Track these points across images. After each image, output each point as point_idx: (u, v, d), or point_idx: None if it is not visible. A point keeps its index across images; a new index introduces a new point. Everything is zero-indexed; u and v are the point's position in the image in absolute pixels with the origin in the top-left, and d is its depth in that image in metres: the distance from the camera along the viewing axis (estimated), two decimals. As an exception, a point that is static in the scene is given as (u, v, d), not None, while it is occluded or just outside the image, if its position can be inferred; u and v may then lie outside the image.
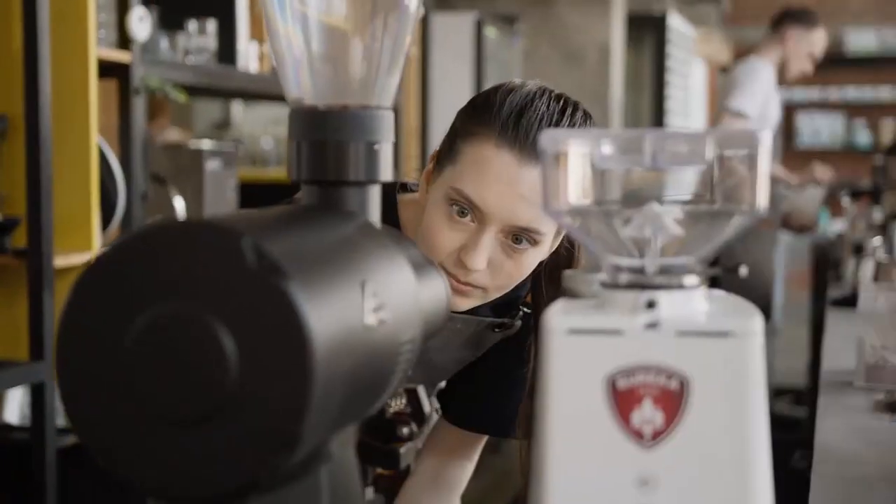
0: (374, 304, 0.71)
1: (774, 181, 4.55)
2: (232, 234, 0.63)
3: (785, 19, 4.51)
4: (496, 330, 1.45)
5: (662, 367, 0.69)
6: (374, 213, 0.84)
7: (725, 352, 0.69)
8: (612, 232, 0.73)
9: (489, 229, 1.26)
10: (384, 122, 0.84)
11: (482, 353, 1.48)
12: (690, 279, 0.72)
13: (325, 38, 0.83)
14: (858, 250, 3.26)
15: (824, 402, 1.82)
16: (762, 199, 0.70)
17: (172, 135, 4.23)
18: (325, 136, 0.82)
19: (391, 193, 1.43)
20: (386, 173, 0.84)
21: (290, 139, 0.84)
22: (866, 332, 1.99)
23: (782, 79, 4.52)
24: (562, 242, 1.38)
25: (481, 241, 1.26)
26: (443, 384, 1.55)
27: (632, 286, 0.72)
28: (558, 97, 1.32)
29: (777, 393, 5.62)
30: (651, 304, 0.71)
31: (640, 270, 0.73)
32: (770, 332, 5.74)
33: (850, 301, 2.78)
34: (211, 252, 0.63)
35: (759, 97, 4.35)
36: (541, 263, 1.34)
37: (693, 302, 0.72)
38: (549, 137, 0.72)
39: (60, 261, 2.43)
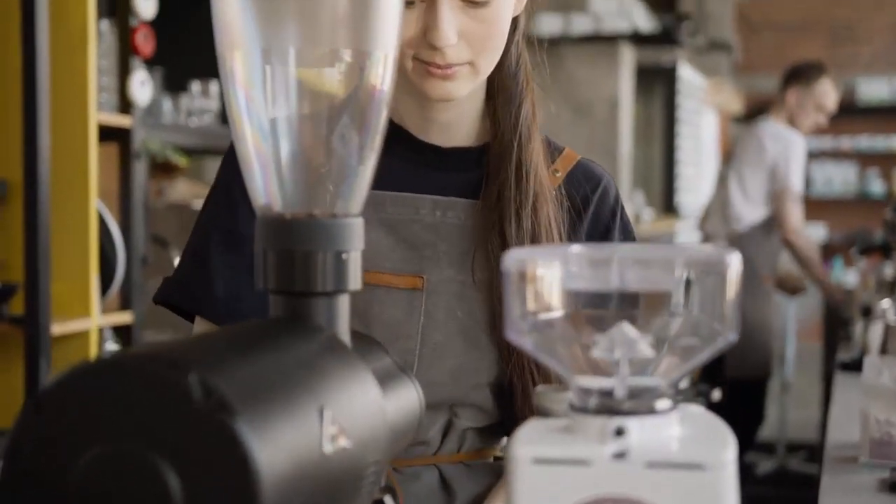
0: (334, 430, 0.69)
1: (806, 262, 4.55)
2: (178, 369, 0.61)
3: (786, 78, 4.52)
4: None
5: (632, 499, 0.66)
6: (343, 324, 0.82)
7: (697, 485, 0.66)
8: (580, 353, 0.71)
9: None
10: (353, 231, 0.82)
11: None
12: (662, 403, 0.70)
13: (293, 144, 0.82)
14: (867, 312, 3.22)
15: (828, 482, 1.78)
16: (731, 323, 0.68)
17: (181, 187, 4.23)
18: (293, 246, 0.80)
19: None
20: (355, 282, 0.82)
21: (257, 247, 0.83)
22: (871, 405, 1.95)
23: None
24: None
25: (438, 13, 1.14)
26: None
27: (600, 411, 0.69)
28: None
29: (790, 449, 5.56)
30: (620, 432, 0.68)
31: (608, 393, 0.70)
32: (782, 387, 5.69)
33: (858, 365, 2.75)
34: (156, 388, 0.60)
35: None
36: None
37: (664, 428, 0.69)
38: (512, 257, 0.70)
39: (58, 328, 2.42)
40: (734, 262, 0.68)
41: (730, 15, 9.90)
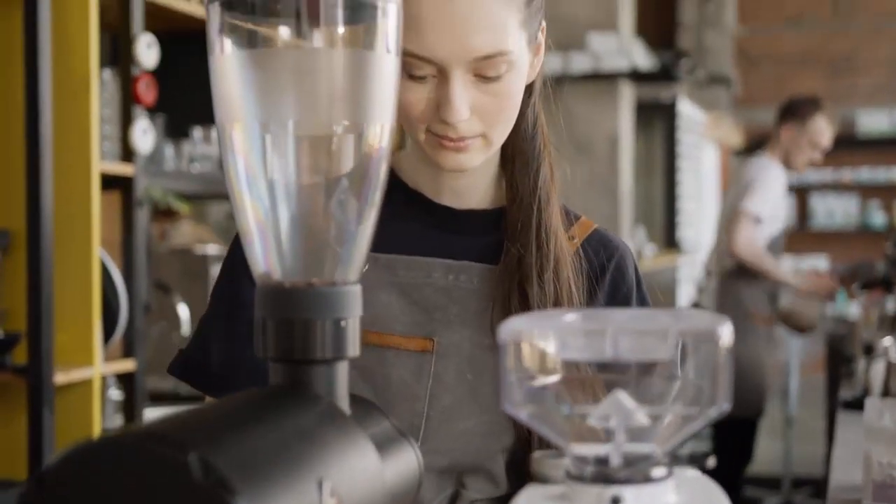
0: (333, 502, 0.70)
1: (777, 283, 4.52)
2: (178, 448, 0.61)
3: (780, 114, 4.55)
4: None
5: (628, 567, 0.67)
6: (342, 390, 0.83)
7: (692, 553, 0.67)
8: (575, 421, 0.72)
9: (452, 75, 1.13)
10: (351, 298, 0.83)
11: None
12: (657, 471, 0.71)
13: (291, 214, 0.83)
14: (869, 350, 3.22)
15: (830, 528, 1.78)
16: (724, 393, 0.69)
17: (185, 230, 4.25)
18: (292, 314, 0.81)
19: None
20: (354, 349, 0.83)
21: (257, 315, 0.84)
22: (874, 447, 1.95)
23: (790, 167, 4.54)
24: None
25: (450, 89, 1.13)
26: None
27: (597, 479, 0.70)
28: None
29: (795, 484, 5.54)
30: (616, 501, 0.69)
31: (604, 461, 0.71)
32: (786, 422, 5.68)
33: (861, 403, 2.74)
34: (157, 467, 0.61)
35: (772, 198, 4.36)
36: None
37: (660, 496, 0.70)
38: (507, 328, 0.71)
39: (61, 377, 2.42)
40: (725, 332, 0.69)
41: (729, 49, 9.96)
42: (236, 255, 1.25)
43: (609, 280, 1.28)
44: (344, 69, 0.81)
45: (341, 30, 0.80)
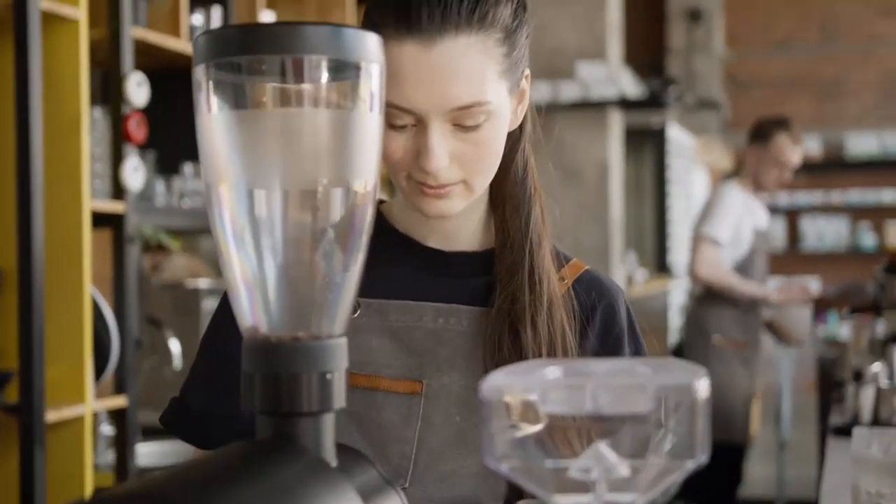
0: (320, 556, 0.71)
1: (752, 302, 4.51)
2: (167, 508, 0.63)
3: (748, 137, 4.58)
4: None
5: None
6: (328, 441, 0.84)
7: None
8: (557, 473, 0.73)
9: (431, 124, 1.14)
10: (337, 352, 0.85)
11: None
12: (638, 522, 0.72)
13: (277, 270, 0.85)
14: (858, 376, 3.23)
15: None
16: (701, 444, 0.70)
17: (177, 262, 4.25)
18: (278, 368, 0.83)
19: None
20: (340, 400, 0.85)
21: (244, 368, 0.85)
22: (861, 477, 1.96)
23: (761, 189, 4.52)
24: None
25: (429, 139, 1.14)
26: None
27: (579, 531, 0.72)
28: None
29: (789, 508, 5.55)
30: (598, 551, 0.70)
31: (587, 513, 0.72)
32: (779, 445, 5.69)
33: (850, 430, 2.75)
34: (146, 528, 0.63)
35: (732, 221, 4.35)
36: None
37: (641, 547, 0.71)
38: (490, 383, 0.72)
39: (53, 415, 2.43)
40: (702, 386, 0.70)
41: (718, 73, 10.02)
42: (226, 308, 1.27)
43: (600, 321, 1.29)
44: (329, 129, 0.83)
45: (325, 90, 0.82)
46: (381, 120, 0.85)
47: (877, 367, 3.20)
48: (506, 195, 1.28)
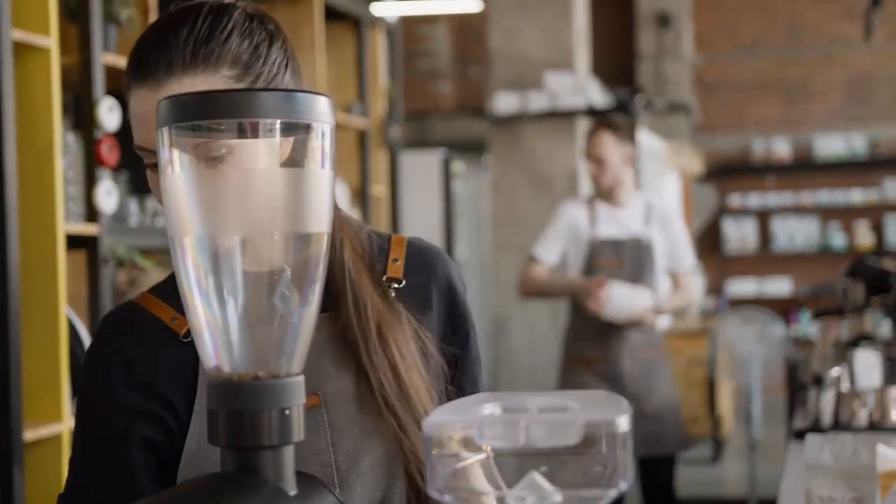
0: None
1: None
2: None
3: None
4: None
5: None
6: (288, 472, 0.91)
7: None
8: (496, 501, 0.80)
9: None
10: (295, 389, 0.91)
11: None
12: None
13: (238, 314, 0.91)
14: (818, 381, 3.31)
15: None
16: (624, 473, 0.77)
17: (153, 277, 4.29)
18: (241, 406, 0.89)
19: None
20: (299, 434, 0.91)
21: (209, 405, 0.92)
22: (814, 482, 2.03)
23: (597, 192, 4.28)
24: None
25: (244, 152, 1.13)
26: None
27: (516, 554, 0.78)
28: (182, 8, 1.23)
29: (762, 506, 5.64)
30: (532, 574, 0.77)
31: (523, 538, 0.79)
32: (749, 445, 5.78)
33: (811, 433, 2.82)
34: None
35: (552, 234, 4.21)
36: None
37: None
38: (431, 422, 0.79)
39: (30, 434, 2.48)
40: (623, 421, 0.77)
41: (687, 77, 10.13)
42: (98, 360, 1.28)
43: (439, 293, 1.36)
44: (283, 185, 0.90)
45: (279, 149, 0.88)
46: (332, 175, 0.92)
47: (836, 370, 3.27)
48: None
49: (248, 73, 1.22)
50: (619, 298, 4.05)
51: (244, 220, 0.89)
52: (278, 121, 0.88)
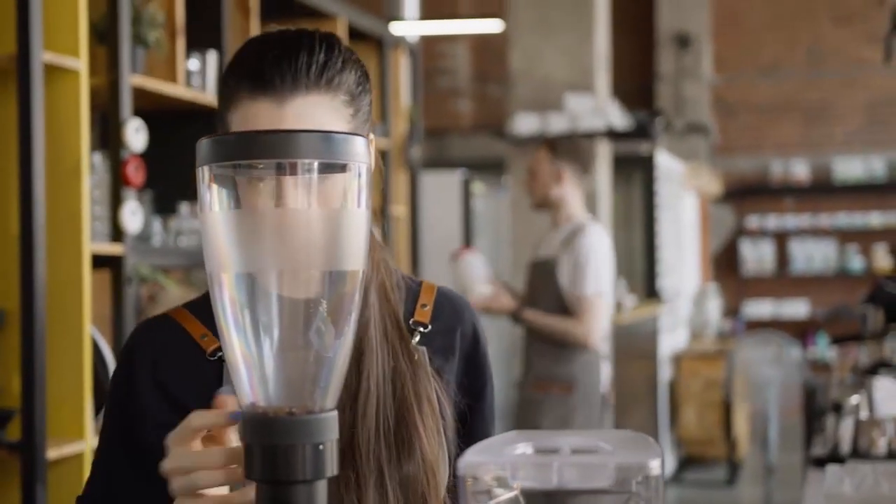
0: None
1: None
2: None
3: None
4: None
5: None
6: (321, 506, 0.92)
7: None
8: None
9: None
10: (328, 424, 0.93)
11: None
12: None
13: (274, 351, 0.93)
14: (837, 408, 3.30)
15: None
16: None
17: (173, 292, 4.32)
18: (275, 441, 0.91)
19: None
20: (332, 468, 0.93)
21: (243, 440, 0.93)
22: (835, 513, 2.03)
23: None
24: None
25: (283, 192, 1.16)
26: None
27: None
28: (297, 31, 1.26)
29: (777, 533, 5.62)
30: None
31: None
32: (766, 470, 5.77)
33: (830, 460, 2.82)
34: None
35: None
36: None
37: None
38: (465, 462, 0.81)
39: (53, 452, 2.50)
40: (655, 465, 0.79)
41: (706, 99, 10.13)
42: (128, 367, 1.29)
43: (463, 341, 1.36)
44: (320, 224, 0.91)
45: (316, 189, 0.90)
46: (367, 213, 0.94)
47: (856, 398, 3.26)
48: None
49: (354, 104, 1.25)
50: (466, 266, 4.02)
51: (281, 257, 0.91)
52: (316, 161, 0.90)
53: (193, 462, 0.99)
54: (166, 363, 1.28)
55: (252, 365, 0.92)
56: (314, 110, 1.21)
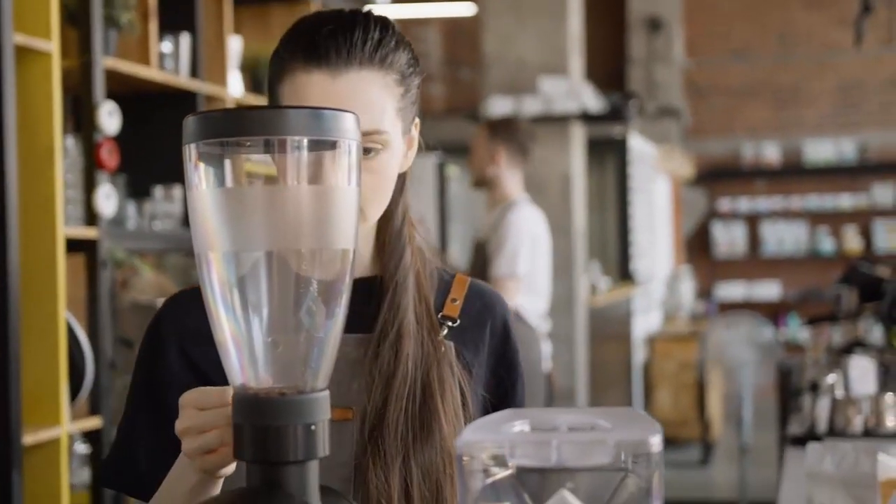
0: None
1: None
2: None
3: None
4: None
5: None
6: (312, 487, 0.91)
7: None
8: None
9: None
10: (320, 404, 0.92)
11: None
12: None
13: (264, 331, 0.91)
14: (814, 387, 3.32)
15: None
16: (658, 492, 0.78)
17: (147, 277, 4.29)
18: (266, 422, 0.90)
19: None
20: (324, 449, 0.92)
21: (234, 421, 0.92)
22: (815, 491, 2.04)
23: None
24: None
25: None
26: None
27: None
28: (351, 10, 1.28)
29: (753, 510, 5.66)
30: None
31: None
32: (741, 450, 5.80)
33: (808, 439, 2.83)
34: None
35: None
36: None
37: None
38: (463, 441, 0.80)
39: (29, 438, 2.48)
40: (656, 441, 0.78)
41: (678, 82, 10.15)
42: (156, 336, 1.29)
43: (493, 334, 1.36)
44: (309, 202, 0.90)
45: (306, 166, 0.89)
46: (358, 191, 0.92)
47: (832, 377, 3.28)
48: (385, 235, 1.33)
49: (404, 83, 1.26)
50: None
51: (270, 236, 0.90)
52: (305, 138, 0.88)
53: (206, 422, 0.99)
54: (192, 334, 1.28)
55: (242, 345, 0.91)
56: (367, 86, 1.22)
